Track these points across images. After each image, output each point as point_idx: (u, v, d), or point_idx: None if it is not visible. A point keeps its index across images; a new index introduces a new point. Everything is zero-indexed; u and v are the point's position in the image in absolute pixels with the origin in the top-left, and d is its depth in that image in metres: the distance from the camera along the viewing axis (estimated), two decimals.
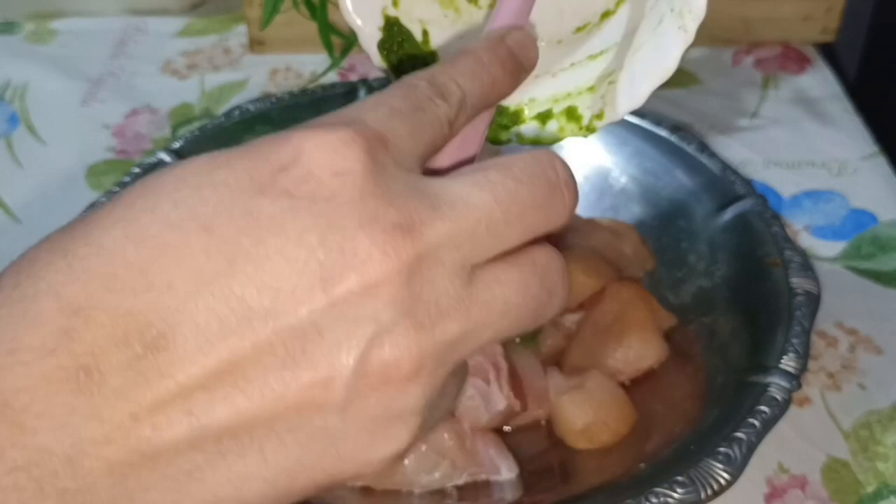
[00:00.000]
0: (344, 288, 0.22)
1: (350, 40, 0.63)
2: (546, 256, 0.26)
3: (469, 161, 0.29)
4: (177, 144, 0.59)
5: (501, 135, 0.37)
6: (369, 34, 0.39)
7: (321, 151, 0.23)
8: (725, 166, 0.58)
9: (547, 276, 0.26)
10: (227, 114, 0.63)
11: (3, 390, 0.21)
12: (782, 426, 0.45)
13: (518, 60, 0.30)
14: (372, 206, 0.23)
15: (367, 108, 0.25)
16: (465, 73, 0.28)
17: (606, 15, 0.40)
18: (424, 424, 0.24)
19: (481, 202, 0.24)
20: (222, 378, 0.22)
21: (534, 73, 0.33)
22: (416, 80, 0.27)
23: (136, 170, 0.57)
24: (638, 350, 0.51)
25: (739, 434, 0.43)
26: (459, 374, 0.26)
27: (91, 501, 0.21)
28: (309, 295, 0.22)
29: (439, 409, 0.25)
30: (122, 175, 0.58)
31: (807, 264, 0.51)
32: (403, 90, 0.26)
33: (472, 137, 0.30)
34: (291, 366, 0.22)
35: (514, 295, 0.25)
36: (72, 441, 0.21)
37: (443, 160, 0.28)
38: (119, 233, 0.22)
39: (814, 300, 0.49)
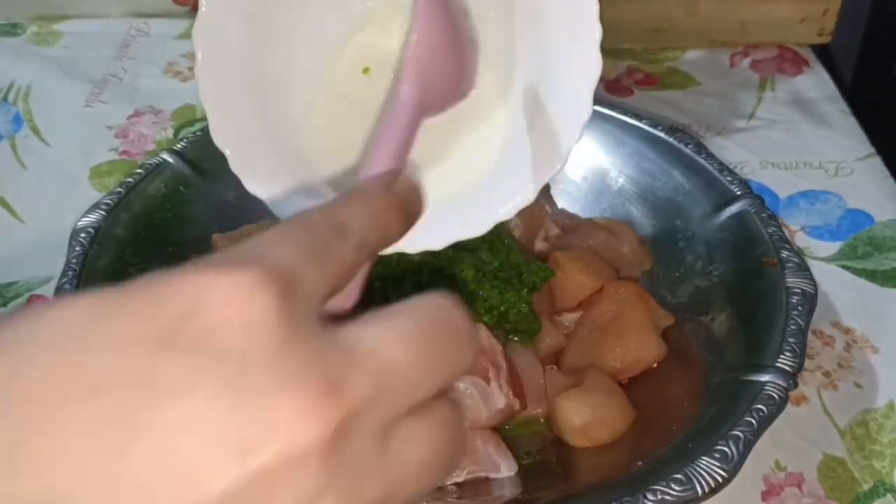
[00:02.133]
0: (265, 458, 0.19)
1: None
2: (448, 409, 0.24)
3: (351, 309, 0.28)
4: (180, 146, 0.60)
5: None
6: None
7: (229, 298, 0.20)
8: (722, 167, 0.58)
9: (451, 429, 0.24)
10: None
11: None
12: (779, 424, 0.45)
13: (407, 212, 0.28)
14: (290, 364, 0.20)
15: (269, 244, 0.22)
16: (362, 214, 0.26)
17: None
18: None
19: (397, 356, 0.22)
20: None
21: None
22: (316, 216, 0.24)
23: (139, 171, 0.58)
24: (636, 349, 0.52)
25: (736, 432, 0.43)
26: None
27: None
28: (224, 469, 0.19)
29: None
30: (125, 176, 0.58)
31: (803, 264, 0.52)
32: (304, 228, 0.24)
33: (354, 286, 0.28)
34: None
35: (427, 453, 0.24)
36: None
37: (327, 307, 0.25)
38: None
39: (810, 299, 0.50)
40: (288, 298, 0.21)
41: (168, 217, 0.57)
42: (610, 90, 0.79)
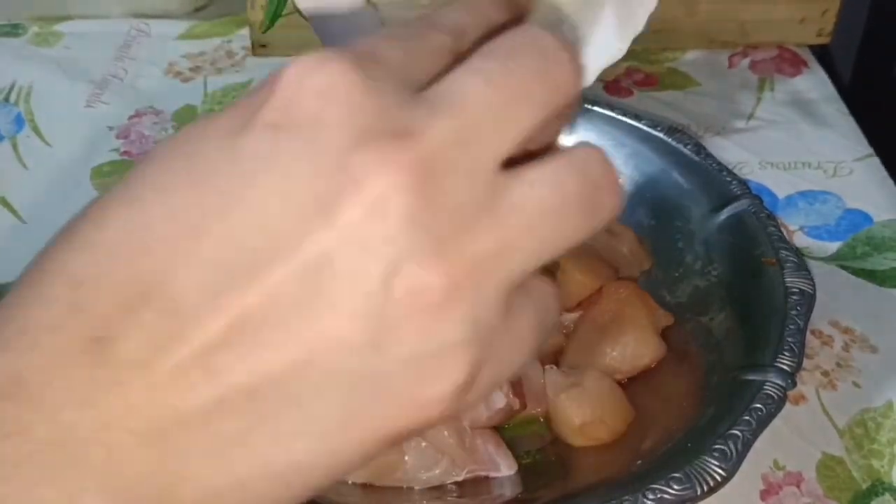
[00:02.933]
0: (348, 213, 0.20)
1: None
2: (584, 150, 0.23)
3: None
4: None
5: None
6: None
7: (302, 74, 0.21)
8: (721, 167, 0.58)
9: (588, 169, 0.23)
10: None
11: (20, 370, 0.20)
12: (778, 423, 0.45)
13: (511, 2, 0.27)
14: (362, 120, 0.20)
15: (360, 41, 0.23)
16: (459, 8, 0.25)
17: None
18: (483, 354, 0.21)
19: (478, 89, 0.21)
20: (238, 332, 0.20)
21: None
22: (411, 19, 0.24)
23: None
24: (635, 348, 0.52)
25: (735, 431, 0.43)
26: (535, 296, 0.23)
27: (129, 474, 0.20)
28: (311, 228, 0.20)
29: (509, 337, 0.23)
30: None
31: (802, 264, 0.52)
32: (398, 27, 0.24)
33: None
34: (308, 307, 0.20)
35: (551, 194, 0.22)
36: (96, 414, 0.20)
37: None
38: (116, 204, 0.22)
39: (809, 299, 0.50)
40: (364, 66, 0.21)
41: None
42: (609, 91, 0.79)
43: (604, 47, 0.37)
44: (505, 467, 0.47)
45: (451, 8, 0.25)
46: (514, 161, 0.22)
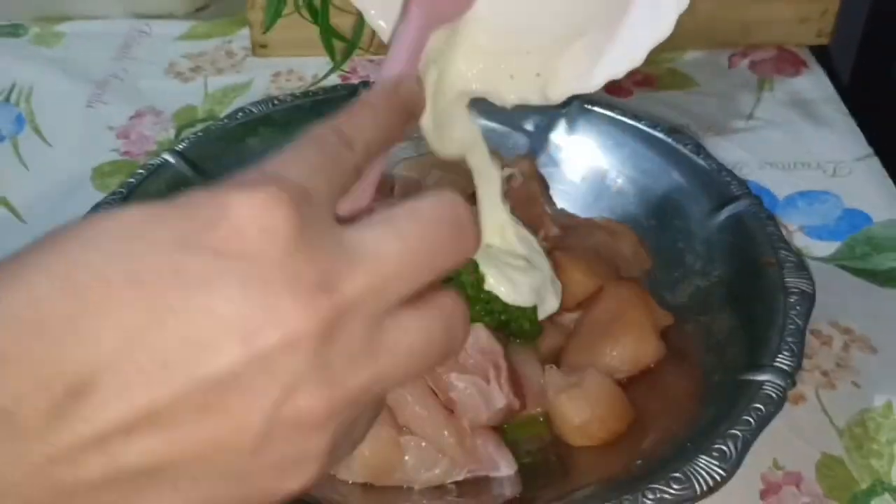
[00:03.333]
0: (265, 342, 0.23)
1: (351, 44, 0.63)
2: (451, 302, 0.27)
3: (367, 208, 0.32)
4: (181, 146, 0.60)
5: None
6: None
7: (249, 209, 0.24)
8: (721, 167, 0.58)
9: (451, 322, 0.27)
10: (230, 116, 0.63)
11: None
12: (777, 423, 0.45)
13: (409, 110, 0.32)
14: (294, 264, 0.24)
15: (287, 163, 0.26)
16: (366, 124, 0.30)
17: None
18: (332, 459, 0.26)
19: (394, 252, 0.25)
20: (140, 423, 0.22)
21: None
22: (325, 132, 0.28)
23: (141, 171, 0.58)
24: (635, 349, 0.52)
25: (735, 431, 0.43)
26: (371, 407, 0.28)
27: None
28: (230, 348, 0.23)
29: (349, 442, 0.27)
30: (127, 176, 0.58)
31: (801, 264, 0.52)
32: (316, 143, 0.28)
33: (367, 186, 0.33)
34: (207, 412, 0.23)
35: (420, 342, 0.26)
36: None
37: (343, 207, 0.29)
38: (50, 281, 0.23)
39: (808, 299, 0.50)
40: (300, 207, 0.24)
41: None
42: (609, 91, 0.79)
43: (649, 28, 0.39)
44: (505, 467, 0.47)
45: (360, 119, 0.30)
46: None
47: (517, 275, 0.50)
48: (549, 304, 0.51)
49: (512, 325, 0.50)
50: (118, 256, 0.23)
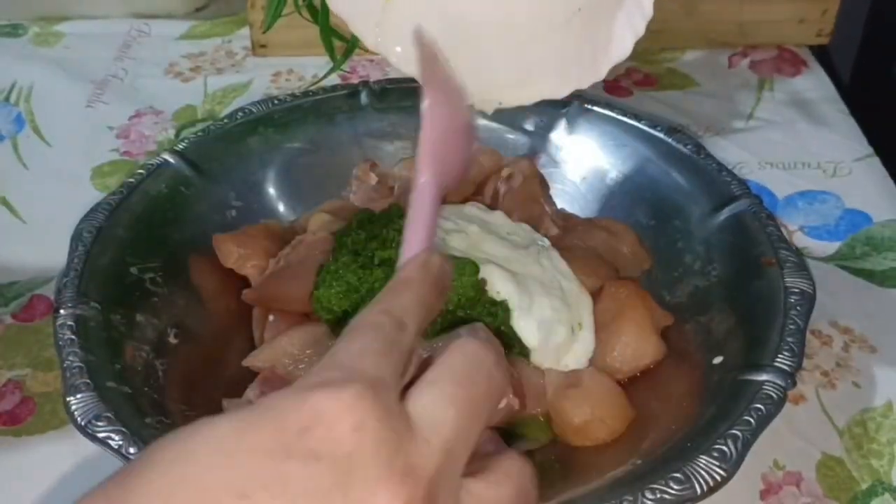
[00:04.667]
0: None
1: (351, 44, 0.63)
2: (518, 465, 0.30)
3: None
4: (181, 146, 0.60)
5: None
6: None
7: (339, 410, 0.25)
8: (721, 167, 0.58)
9: (521, 483, 0.29)
10: (230, 116, 0.63)
11: None
12: (777, 423, 0.45)
13: (442, 285, 0.33)
14: (385, 455, 0.25)
15: (355, 356, 0.28)
16: (411, 303, 0.31)
17: None
18: None
19: (452, 418, 0.27)
20: None
21: None
22: (379, 318, 0.30)
23: (141, 171, 0.58)
24: (635, 348, 0.52)
25: (735, 431, 0.43)
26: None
27: None
28: None
29: None
30: (127, 176, 0.58)
31: (802, 264, 0.52)
32: (374, 331, 0.29)
33: None
34: None
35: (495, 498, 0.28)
36: None
37: None
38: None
39: (808, 299, 0.50)
40: (381, 399, 0.26)
41: (169, 217, 0.57)
42: (609, 91, 0.79)
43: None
44: None
45: (407, 299, 0.31)
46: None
47: (538, 290, 0.51)
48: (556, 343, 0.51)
49: (511, 342, 0.50)
50: (221, 470, 0.24)
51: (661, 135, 0.61)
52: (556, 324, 0.51)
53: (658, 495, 0.41)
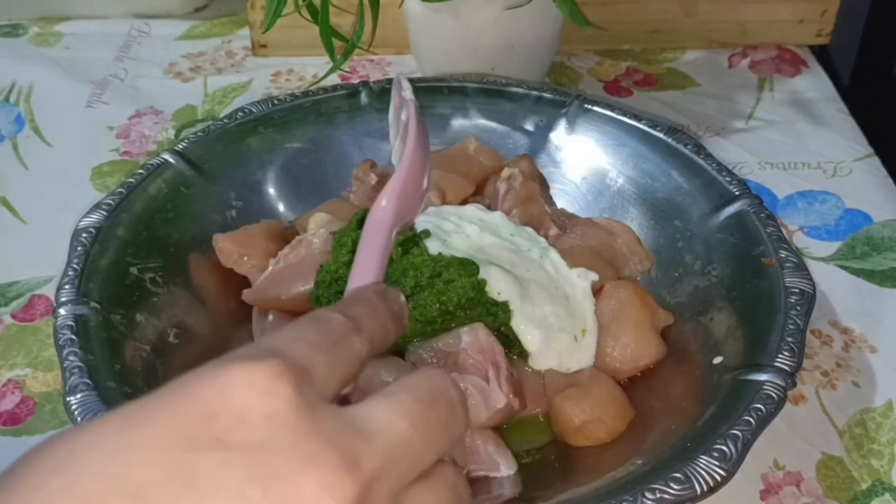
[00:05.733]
0: None
1: (351, 44, 0.63)
2: (452, 471, 0.27)
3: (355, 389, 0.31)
4: (181, 146, 0.60)
5: None
6: None
7: (248, 392, 0.22)
8: (721, 167, 0.58)
9: (457, 488, 0.27)
10: (230, 115, 0.63)
11: None
12: (777, 423, 0.45)
13: (399, 317, 0.31)
14: (308, 447, 0.22)
15: (285, 340, 0.25)
16: (367, 315, 0.29)
17: None
18: None
19: (405, 427, 0.25)
20: None
21: None
22: (329, 314, 0.27)
23: (141, 171, 0.58)
24: (635, 348, 0.52)
25: (735, 431, 0.43)
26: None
27: None
28: None
29: None
30: (127, 176, 0.58)
31: (802, 264, 0.52)
32: (319, 325, 0.27)
33: None
34: None
35: None
36: None
37: None
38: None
39: (808, 299, 0.50)
40: (303, 388, 0.23)
41: (169, 217, 0.57)
42: (609, 91, 0.79)
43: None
44: (505, 467, 0.47)
45: (363, 309, 0.29)
46: None
47: (541, 296, 0.51)
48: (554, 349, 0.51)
49: (511, 343, 0.50)
50: (109, 472, 0.21)
51: (661, 135, 0.61)
52: (559, 332, 0.51)
53: (658, 495, 0.41)
